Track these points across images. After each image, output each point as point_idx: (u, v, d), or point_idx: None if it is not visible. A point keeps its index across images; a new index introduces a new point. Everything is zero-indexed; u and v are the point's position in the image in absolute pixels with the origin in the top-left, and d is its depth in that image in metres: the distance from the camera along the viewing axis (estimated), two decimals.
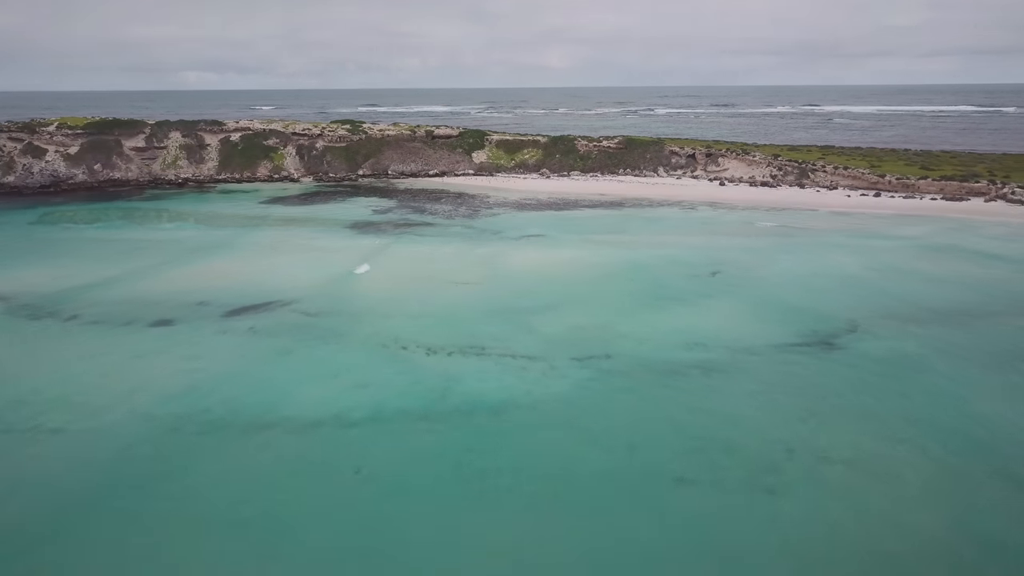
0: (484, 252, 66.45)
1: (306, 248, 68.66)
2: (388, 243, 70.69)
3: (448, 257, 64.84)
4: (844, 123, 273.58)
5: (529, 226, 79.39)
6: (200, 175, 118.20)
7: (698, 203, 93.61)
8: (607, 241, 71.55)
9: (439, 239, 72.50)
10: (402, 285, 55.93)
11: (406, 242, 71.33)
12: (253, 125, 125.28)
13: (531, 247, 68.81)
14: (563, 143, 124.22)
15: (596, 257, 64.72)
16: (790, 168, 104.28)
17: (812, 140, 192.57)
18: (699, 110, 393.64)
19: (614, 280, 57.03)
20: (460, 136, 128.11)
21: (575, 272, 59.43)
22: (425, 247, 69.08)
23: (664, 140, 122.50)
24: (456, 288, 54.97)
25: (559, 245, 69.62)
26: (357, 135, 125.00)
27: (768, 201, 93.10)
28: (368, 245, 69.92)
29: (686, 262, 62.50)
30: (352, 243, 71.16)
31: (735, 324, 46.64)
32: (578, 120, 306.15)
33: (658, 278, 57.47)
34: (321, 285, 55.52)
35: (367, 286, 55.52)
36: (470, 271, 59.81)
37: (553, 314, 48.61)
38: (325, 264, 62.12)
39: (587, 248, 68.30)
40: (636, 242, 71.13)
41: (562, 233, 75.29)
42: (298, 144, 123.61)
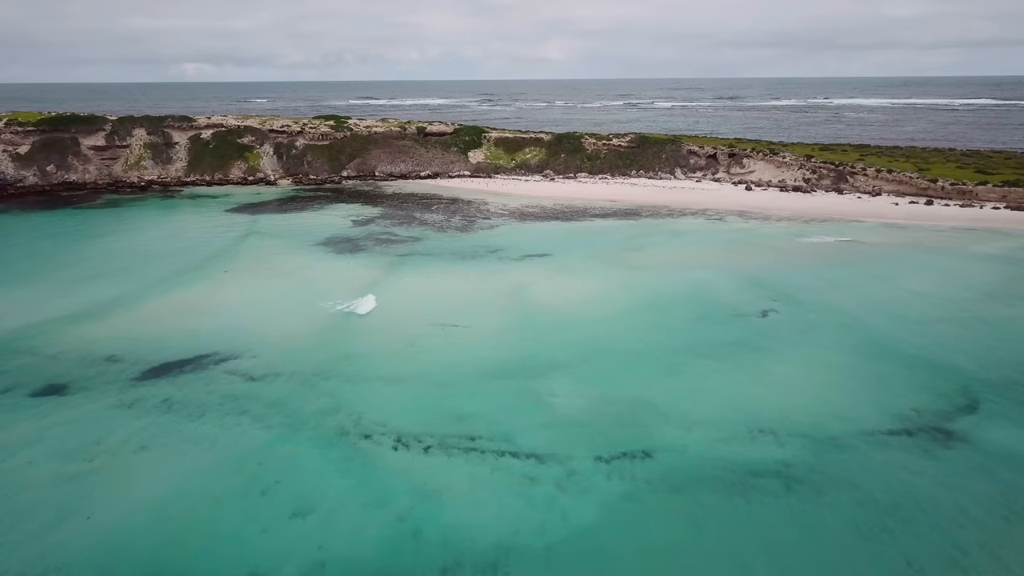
0: (479, 281, 55.04)
1: (267, 273, 57.24)
2: (363, 267, 59.27)
3: (435, 287, 53.45)
4: (858, 117, 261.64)
5: (532, 242, 67.97)
6: (167, 177, 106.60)
7: (725, 211, 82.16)
8: (625, 263, 60.13)
9: (426, 261, 61.05)
10: (376, 329, 44.56)
11: (386, 265, 59.90)
12: (227, 121, 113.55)
13: (535, 271, 57.39)
14: (569, 141, 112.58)
15: (614, 286, 53.32)
16: (825, 171, 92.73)
17: (830, 136, 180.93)
18: (705, 103, 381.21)
19: (640, 321, 45.66)
20: (455, 133, 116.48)
21: (590, 309, 48.03)
22: (408, 272, 57.64)
23: (681, 138, 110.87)
24: (443, 334, 43.60)
25: (569, 269, 58.20)
26: (341, 132, 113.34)
27: (805, 209, 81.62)
28: (340, 270, 58.50)
29: (726, 293, 51.15)
30: (322, 266, 59.73)
31: (807, 392, 35.33)
32: (579, 114, 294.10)
33: (696, 318, 46.11)
34: (274, 330, 44.13)
35: (331, 332, 44.09)
36: (461, 307, 48.42)
37: (567, 377, 37.29)
38: (285, 298, 50.73)
39: (603, 273, 56.89)
40: (660, 264, 59.73)
41: (571, 252, 63.87)
42: (276, 142, 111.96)
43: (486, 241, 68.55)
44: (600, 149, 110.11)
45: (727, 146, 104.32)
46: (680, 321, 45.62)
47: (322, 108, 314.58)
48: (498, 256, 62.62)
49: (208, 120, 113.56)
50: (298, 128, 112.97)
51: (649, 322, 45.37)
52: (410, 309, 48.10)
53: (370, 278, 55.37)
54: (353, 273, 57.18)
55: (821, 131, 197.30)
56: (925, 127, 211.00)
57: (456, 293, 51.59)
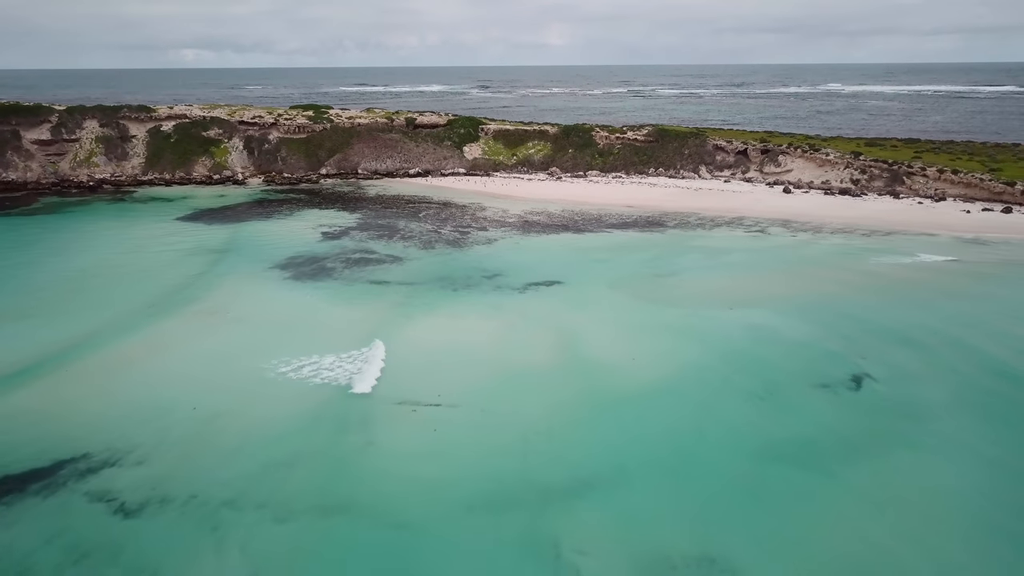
0: (470, 327, 42.46)
1: (201, 315, 44.73)
2: (325, 300, 46.72)
3: (410, 336, 40.85)
4: (878, 106, 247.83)
5: (538, 263, 55.44)
6: (121, 175, 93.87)
7: (765, 221, 69.43)
8: (656, 296, 47.60)
9: (403, 292, 48.49)
10: (321, 411, 32.06)
11: (351, 298, 47.34)
12: (191, 112, 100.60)
13: (543, 310, 44.82)
14: (577, 134, 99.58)
15: (647, 336, 40.75)
16: (877, 171, 79.86)
17: (856, 126, 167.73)
18: (712, 91, 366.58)
19: (688, 399, 33.17)
20: (449, 125, 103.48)
21: (619, 377, 35.47)
22: (378, 310, 45.09)
23: (705, 131, 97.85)
24: (413, 420, 31.14)
25: (585, 306, 45.63)
26: (320, 124, 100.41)
27: (861, 219, 68.87)
28: (294, 307, 45.96)
29: (796, 346, 38.65)
30: (272, 303, 47.19)
31: (962, 547, 22.88)
32: (583, 102, 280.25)
33: (763, 391, 33.59)
34: (181, 418, 31.66)
35: (258, 419, 31.55)
36: (442, 371, 35.92)
37: (594, 511, 24.84)
38: (211, 359, 38.21)
39: (629, 314, 44.33)
40: (701, 298, 47.17)
41: (586, 278, 51.32)
42: (246, 136, 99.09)
43: (482, 262, 55.95)
44: (613, 143, 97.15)
45: (759, 141, 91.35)
46: (743, 398, 33.08)
47: (315, 96, 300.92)
48: (496, 285, 50.03)
49: (170, 111, 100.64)
50: (271, 119, 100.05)
51: (700, 400, 32.80)
52: (375, 368, 35.59)
53: (325, 322, 42.79)
54: (308, 311, 44.61)
55: (844, 121, 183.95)
56: (954, 116, 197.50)
57: (438, 347, 38.95)
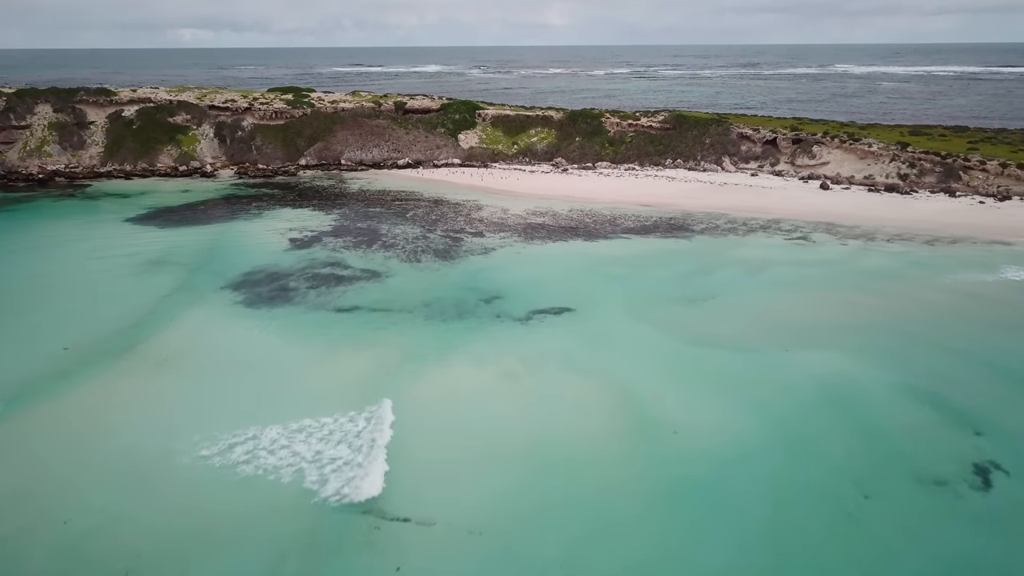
0: (458, 380, 33.09)
1: (107, 365, 35.40)
2: (276, 338, 37.33)
3: (380, 387, 31.46)
4: (895, 88, 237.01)
5: (544, 281, 46.07)
6: (77, 166, 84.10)
7: (804, 223, 59.94)
8: (690, 331, 38.26)
9: (376, 326, 39.09)
10: (240, 517, 22.83)
11: (310, 335, 37.95)
12: (156, 95, 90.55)
13: (552, 353, 35.46)
14: (585, 121, 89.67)
15: (686, 394, 31.44)
16: (928, 164, 70.17)
17: (877, 111, 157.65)
18: (718, 72, 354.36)
19: (749, 513, 23.96)
20: (443, 110, 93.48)
21: (653, 466, 26.18)
22: (341, 353, 35.71)
23: (728, 118, 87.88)
24: (367, 543, 21.86)
25: (605, 346, 36.30)
26: (300, 109, 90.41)
27: (916, 222, 59.36)
28: (238, 346, 36.61)
29: (884, 409, 29.42)
30: (212, 339, 37.85)
31: None
32: (585, 83, 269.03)
33: (852, 497, 24.39)
34: (25, 539, 22.46)
35: (132, 535, 22.31)
36: (419, 455, 26.60)
37: None
38: (100, 435, 28.90)
39: (662, 359, 34.99)
40: (745, 332, 37.84)
41: (603, 303, 41.95)
42: (217, 122, 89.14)
43: (477, 279, 46.50)
44: (625, 131, 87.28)
45: (789, 129, 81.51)
46: (826, 512, 23.81)
47: (309, 77, 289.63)
48: (494, 312, 40.63)
49: (133, 94, 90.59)
50: (245, 104, 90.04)
51: (766, 521, 23.50)
52: (319, 458, 26.32)
53: (277, 373, 33.44)
54: (253, 355, 35.26)
55: (866, 105, 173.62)
56: (978, 99, 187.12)
57: (411, 416, 29.58)
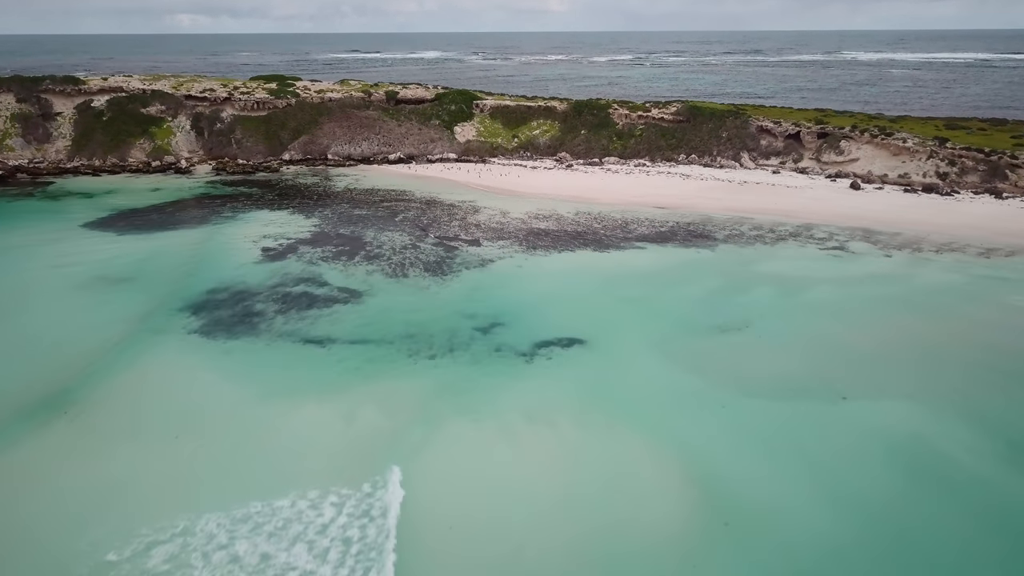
0: (448, 445, 27.02)
1: (23, 422, 29.31)
2: (229, 381, 31.21)
3: (352, 458, 25.42)
4: (906, 75, 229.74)
5: (550, 303, 39.96)
6: (42, 161, 77.71)
7: (838, 229, 53.77)
8: (725, 372, 32.19)
9: (349, 364, 32.96)
10: None
11: (269, 376, 31.85)
12: (129, 84, 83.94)
13: (562, 403, 29.39)
14: (591, 112, 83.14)
15: (731, 464, 25.43)
16: (970, 162, 63.85)
17: (892, 100, 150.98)
18: (722, 58, 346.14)
19: None
20: (437, 100, 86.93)
21: None
22: (304, 407, 29.62)
23: (745, 109, 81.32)
24: None
25: (626, 392, 30.23)
26: (284, 99, 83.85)
27: (962, 228, 53.17)
28: (183, 390, 30.51)
29: (976, 488, 23.49)
30: (157, 380, 31.75)
31: None
32: (587, 70, 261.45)
33: None
34: None
35: None
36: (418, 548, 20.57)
37: None
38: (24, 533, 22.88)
39: (693, 410, 28.94)
40: (792, 374, 31.78)
41: (620, 333, 35.86)
42: (195, 113, 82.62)
43: (472, 302, 40.33)
44: (634, 123, 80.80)
45: (813, 122, 75.02)
46: None
47: (304, 63, 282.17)
48: (492, 345, 34.51)
49: (103, 83, 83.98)
50: (225, 94, 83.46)
51: None
52: (267, 567, 20.28)
53: (222, 432, 27.34)
54: (200, 403, 29.15)
55: (879, 94, 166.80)
56: (995, 88, 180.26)
57: (386, 505, 23.53)
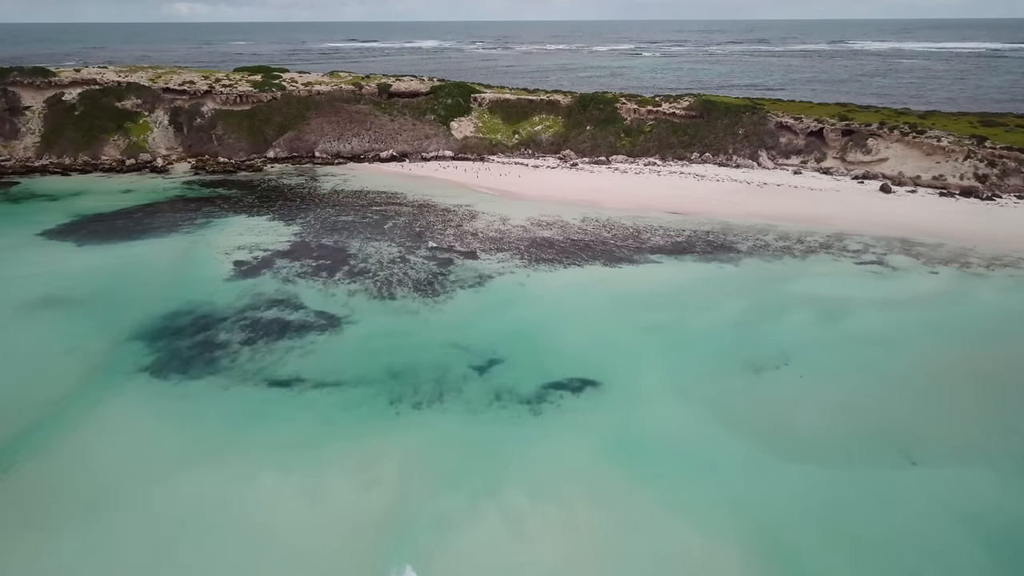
0: (432, 539, 22.01)
1: None
2: (174, 438, 26.18)
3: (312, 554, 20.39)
4: (918, 65, 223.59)
5: (557, 332, 34.90)
6: (8, 159, 72.45)
7: (873, 239, 48.61)
8: (763, 424, 27.22)
9: (321, 413, 27.93)
10: None
11: (220, 436, 26.84)
12: (103, 76, 78.54)
13: (575, 470, 24.45)
14: (597, 106, 77.76)
15: (781, 553, 20.32)
16: (1012, 163, 58.61)
17: (908, 92, 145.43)
18: (726, 48, 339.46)
19: None
20: (433, 94, 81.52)
21: None
22: (257, 480, 24.64)
23: (762, 104, 75.87)
24: None
25: (649, 452, 25.31)
26: (269, 92, 78.43)
27: (1016, 239, 47.99)
28: (114, 451, 25.53)
29: None
30: (89, 438, 26.78)
31: None
32: (589, 60, 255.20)
33: None
34: None
35: None
36: None
37: None
38: None
39: (731, 478, 24.02)
40: (843, 427, 26.81)
41: (638, 371, 30.83)
42: (173, 107, 77.24)
43: (467, 331, 35.24)
44: (643, 119, 75.44)
45: (836, 117, 69.65)
46: None
47: (301, 53, 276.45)
48: (490, 389, 29.44)
49: (76, 74, 78.57)
50: (206, 87, 78.04)
51: None
52: None
53: (153, 516, 22.33)
54: (125, 485, 24.14)
55: (892, 86, 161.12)
56: (1011, 79, 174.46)
57: None
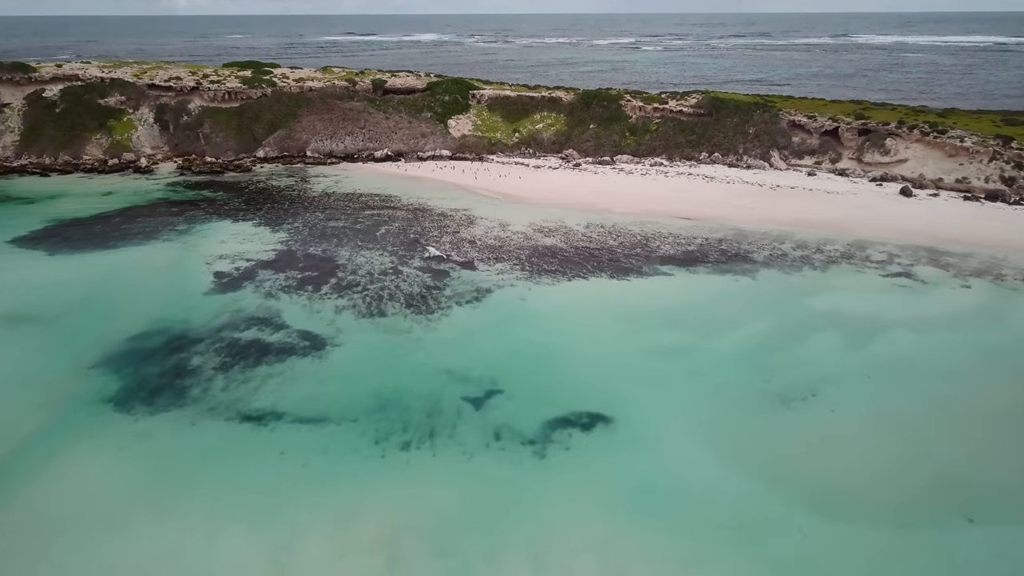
0: None
1: None
2: (125, 492, 23.13)
3: None
4: (923, 60, 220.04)
5: (562, 356, 31.85)
6: None
7: (897, 247, 45.55)
8: (796, 474, 24.37)
9: (297, 457, 24.90)
10: None
11: (181, 487, 23.82)
12: (85, 72, 75.26)
13: (587, 533, 21.31)
14: (601, 104, 74.52)
15: None
16: None
17: (916, 86, 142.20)
18: (728, 42, 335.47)
19: None
20: (430, 90, 78.26)
21: None
22: (216, 545, 21.55)
23: (773, 101, 72.64)
24: None
25: (676, 512, 22.38)
26: (259, 89, 75.17)
27: None
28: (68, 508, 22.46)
29: None
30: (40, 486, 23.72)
31: None
32: (589, 53, 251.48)
33: None
34: None
35: None
36: None
37: None
38: None
39: (764, 546, 20.88)
40: (894, 486, 23.89)
41: (652, 403, 27.85)
42: (159, 104, 74.00)
43: (462, 355, 32.18)
44: (650, 117, 72.24)
45: (852, 116, 66.46)
46: None
47: (299, 47, 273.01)
48: (488, 426, 26.43)
49: (57, 70, 75.27)
50: (193, 83, 74.75)
51: None
52: None
53: None
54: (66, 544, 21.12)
55: (900, 81, 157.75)
56: (1020, 73, 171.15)
57: None
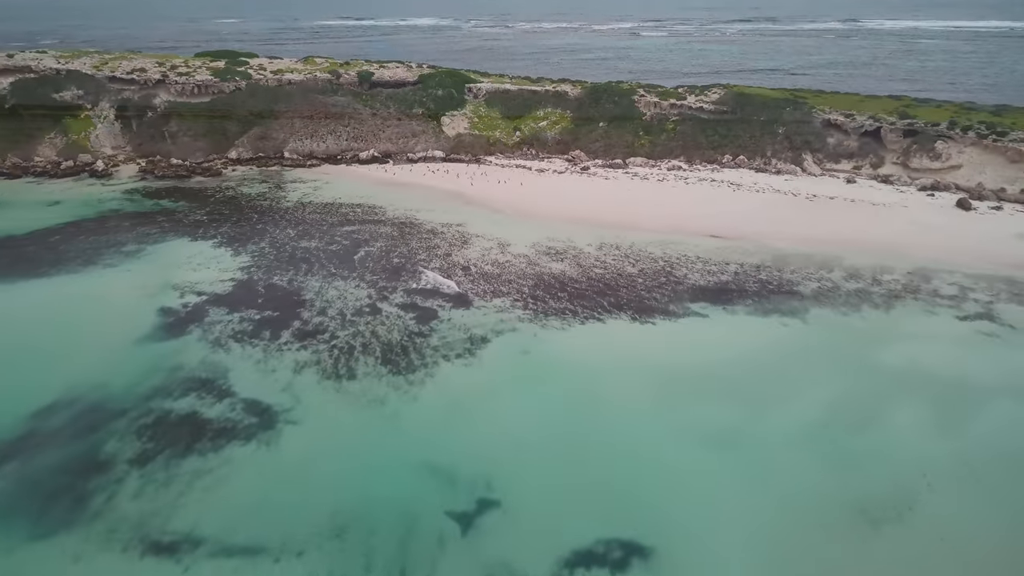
0: None
1: None
2: None
3: None
4: (939, 46, 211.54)
5: (578, 447, 24.94)
6: None
7: (965, 277, 38.56)
8: None
9: None
10: None
11: None
12: (39, 63, 67.76)
13: None
14: (611, 99, 67.07)
15: None
16: None
17: (939, 79, 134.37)
18: (735, 27, 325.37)
19: None
20: (421, 83, 70.77)
21: None
22: None
23: (804, 96, 65.16)
24: None
25: None
26: (232, 81, 67.70)
27: None
28: None
29: None
30: None
31: None
32: (591, 39, 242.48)
33: None
34: None
35: None
36: None
37: None
38: None
39: None
40: None
41: (706, 524, 20.99)
42: (120, 99, 66.63)
43: (447, 440, 25.29)
44: (666, 114, 64.84)
45: (896, 115, 59.06)
46: None
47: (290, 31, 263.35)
48: (478, 559, 19.54)
49: (8, 61, 67.78)
50: (158, 75, 67.28)
51: None
52: None
53: None
54: None
55: (917, 69, 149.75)
56: None
57: None
